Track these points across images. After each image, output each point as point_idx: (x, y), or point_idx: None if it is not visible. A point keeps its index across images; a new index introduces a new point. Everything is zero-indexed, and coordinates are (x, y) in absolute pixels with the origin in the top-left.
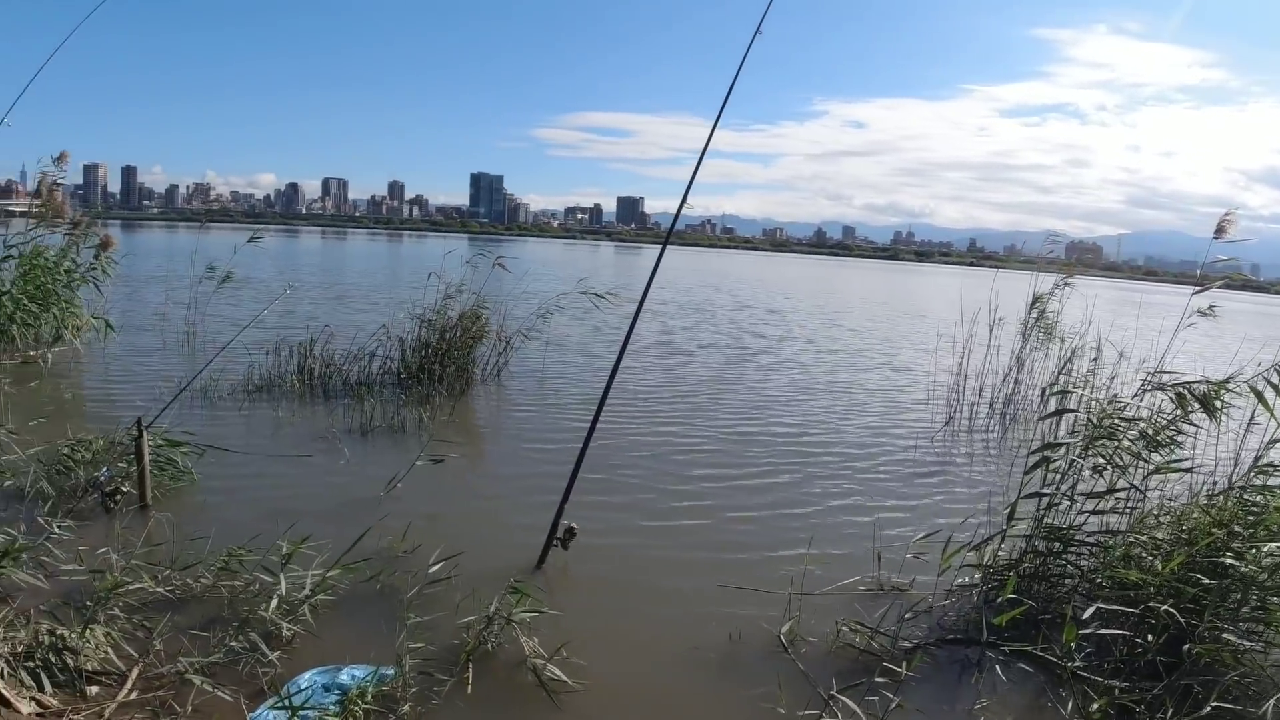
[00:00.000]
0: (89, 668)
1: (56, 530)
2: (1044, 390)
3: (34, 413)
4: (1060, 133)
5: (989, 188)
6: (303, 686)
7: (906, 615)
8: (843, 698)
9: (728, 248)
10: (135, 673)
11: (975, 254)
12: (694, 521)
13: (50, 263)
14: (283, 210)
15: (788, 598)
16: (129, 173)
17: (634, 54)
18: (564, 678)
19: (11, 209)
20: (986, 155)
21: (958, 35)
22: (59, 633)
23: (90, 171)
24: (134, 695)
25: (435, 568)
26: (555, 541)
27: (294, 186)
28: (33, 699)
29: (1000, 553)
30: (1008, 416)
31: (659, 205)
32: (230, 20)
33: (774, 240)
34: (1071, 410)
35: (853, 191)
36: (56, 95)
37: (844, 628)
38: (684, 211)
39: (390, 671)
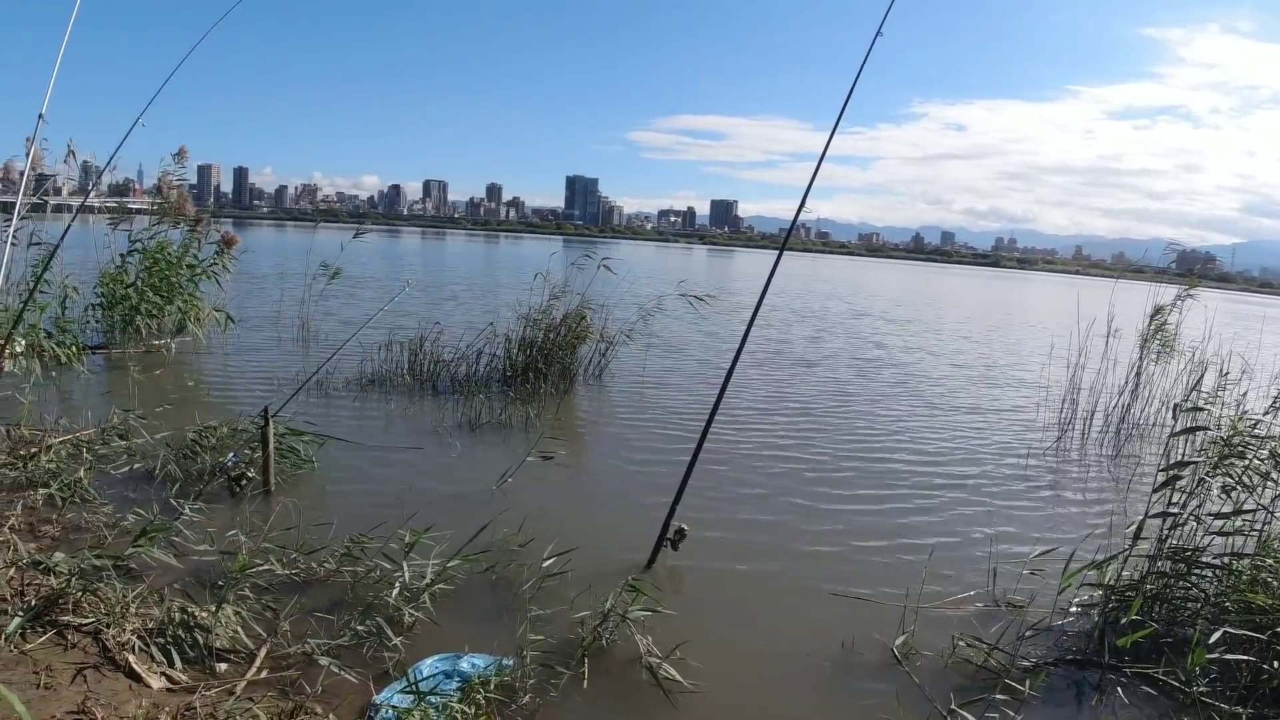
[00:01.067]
0: (219, 645)
1: (187, 512)
2: (1174, 406)
3: (160, 399)
4: (1171, 136)
5: (1096, 193)
6: (425, 674)
7: (1025, 633)
8: (963, 713)
9: (822, 252)
10: (264, 651)
11: (1081, 262)
12: (805, 529)
13: (173, 258)
14: (385, 211)
15: (902, 609)
16: (241, 173)
17: (729, 57)
18: (679, 678)
19: (130, 206)
20: (1093, 159)
21: (1063, 35)
22: (190, 610)
23: (204, 172)
24: (264, 674)
25: (548, 563)
26: (665, 542)
27: (396, 188)
28: (163, 674)
29: (1122, 573)
30: (1123, 432)
31: (752, 209)
32: (334, 29)
33: (870, 245)
34: (1204, 428)
35: (953, 195)
36: (171, 97)
37: (960, 643)
38: (780, 215)
39: (509, 662)
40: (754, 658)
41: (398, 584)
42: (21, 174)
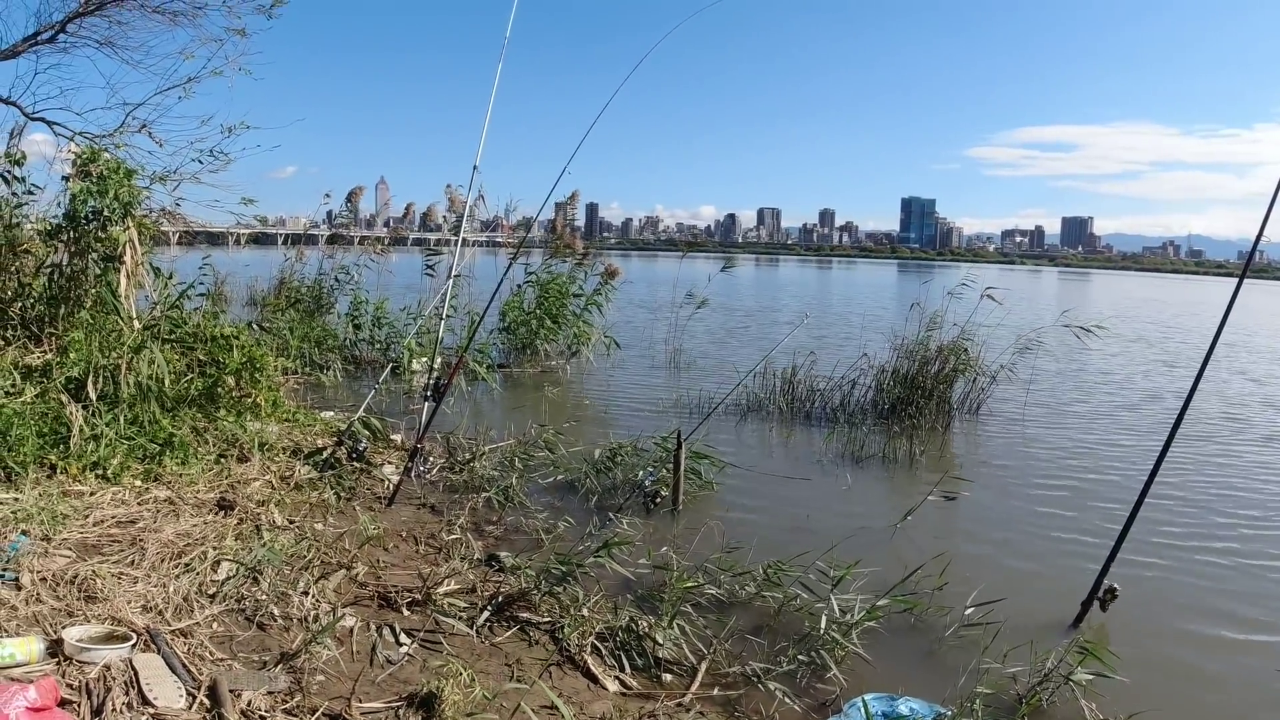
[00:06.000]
0: (664, 656)
1: (625, 526)
2: None
3: (564, 416)
4: None
5: None
6: (873, 712)
7: None
8: None
9: (1194, 274)
10: (703, 667)
11: None
12: (1252, 603)
13: (563, 287)
14: (721, 239)
15: None
16: (592, 209)
17: (1074, 61)
18: None
19: (496, 241)
20: None
21: None
22: (636, 619)
23: (560, 209)
24: (714, 690)
25: (969, 611)
26: (1095, 600)
27: (731, 217)
28: (616, 678)
29: None
30: None
31: (1110, 226)
32: (671, 66)
33: (1254, 266)
34: None
35: None
36: (542, 144)
37: None
38: (1144, 232)
39: (947, 710)
40: None
41: (825, 616)
42: (447, 216)
